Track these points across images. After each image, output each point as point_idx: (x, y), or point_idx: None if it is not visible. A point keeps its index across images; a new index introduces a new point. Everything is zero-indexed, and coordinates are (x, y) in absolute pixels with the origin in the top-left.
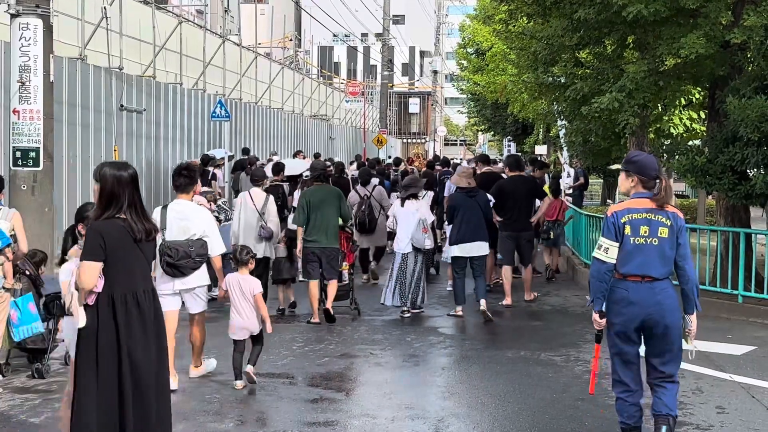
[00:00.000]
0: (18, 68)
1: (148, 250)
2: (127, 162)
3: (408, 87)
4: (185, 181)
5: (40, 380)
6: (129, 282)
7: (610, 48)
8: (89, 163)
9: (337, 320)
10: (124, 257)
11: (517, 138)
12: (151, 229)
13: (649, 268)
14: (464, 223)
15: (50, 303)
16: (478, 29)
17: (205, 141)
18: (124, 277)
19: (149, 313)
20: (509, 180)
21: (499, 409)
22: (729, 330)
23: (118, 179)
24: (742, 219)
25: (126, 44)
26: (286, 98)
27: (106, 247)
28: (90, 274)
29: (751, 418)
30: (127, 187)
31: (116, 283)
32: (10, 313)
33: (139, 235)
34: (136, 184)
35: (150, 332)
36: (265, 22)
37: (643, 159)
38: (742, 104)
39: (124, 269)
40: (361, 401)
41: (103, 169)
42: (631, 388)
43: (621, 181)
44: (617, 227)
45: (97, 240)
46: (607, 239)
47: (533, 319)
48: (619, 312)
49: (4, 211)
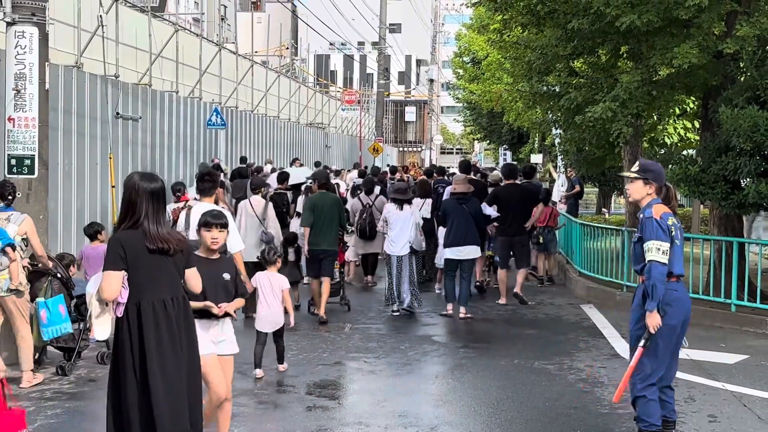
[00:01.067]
0: (13, 76)
1: (176, 257)
2: (155, 174)
3: (404, 95)
4: (208, 185)
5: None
6: (155, 290)
7: (604, 58)
8: (84, 171)
9: (331, 329)
10: (147, 265)
11: (513, 147)
12: (169, 248)
13: (682, 268)
14: (454, 227)
15: (81, 305)
16: (474, 38)
17: (200, 149)
18: (149, 285)
19: (179, 320)
20: (504, 187)
21: (493, 417)
22: (722, 339)
23: (137, 189)
24: (735, 228)
25: (122, 52)
26: (282, 106)
27: (127, 256)
28: (111, 283)
29: (743, 427)
30: (147, 198)
31: (142, 292)
32: (39, 313)
33: (152, 247)
34: (158, 196)
35: (180, 340)
36: (262, 31)
37: (658, 168)
38: (735, 114)
39: (149, 278)
40: (354, 409)
41: (129, 178)
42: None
43: (636, 189)
44: (668, 229)
45: (117, 249)
46: (665, 242)
47: (527, 327)
48: (677, 312)
49: (16, 215)
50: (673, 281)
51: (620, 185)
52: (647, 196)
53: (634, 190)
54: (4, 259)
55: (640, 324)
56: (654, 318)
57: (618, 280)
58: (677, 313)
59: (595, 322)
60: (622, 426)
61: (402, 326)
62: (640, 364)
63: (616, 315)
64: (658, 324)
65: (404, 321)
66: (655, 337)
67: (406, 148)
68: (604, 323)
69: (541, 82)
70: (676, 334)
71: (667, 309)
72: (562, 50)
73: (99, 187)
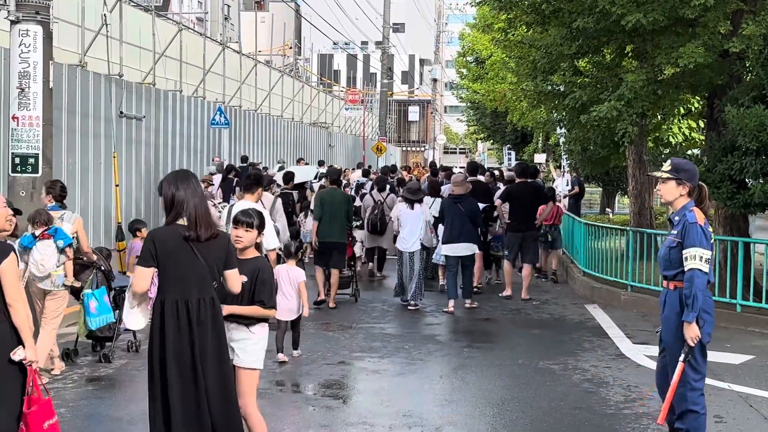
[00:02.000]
0: (17, 75)
1: (210, 255)
2: (187, 170)
3: (407, 95)
4: (251, 183)
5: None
6: (182, 289)
7: (609, 57)
8: (88, 170)
9: (335, 329)
10: (177, 263)
11: (517, 146)
12: (200, 236)
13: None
14: (450, 226)
15: (117, 296)
16: (478, 38)
17: (204, 148)
18: (175, 283)
19: (206, 321)
20: (517, 185)
21: (497, 417)
22: (727, 339)
23: (169, 182)
24: (740, 228)
25: (126, 51)
26: (285, 106)
27: (158, 253)
28: (140, 279)
29: (749, 428)
30: (187, 191)
31: (168, 290)
32: (89, 303)
33: (189, 234)
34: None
35: (205, 340)
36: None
37: (692, 167)
38: (741, 113)
39: (176, 277)
40: (358, 409)
41: (161, 182)
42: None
43: (668, 190)
44: (710, 237)
45: (149, 246)
46: (708, 250)
47: (531, 327)
48: (713, 320)
49: (68, 214)
50: (707, 288)
51: (624, 185)
52: (680, 197)
53: (666, 191)
54: (63, 257)
55: (679, 334)
56: (693, 330)
57: (623, 280)
58: (713, 322)
59: (599, 322)
60: (627, 426)
61: (406, 326)
62: (684, 376)
63: (621, 315)
64: (698, 336)
65: (408, 320)
66: (695, 348)
67: (410, 148)
68: (609, 323)
69: (545, 82)
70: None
71: (706, 317)
72: (567, 49)
73: (103, 185)
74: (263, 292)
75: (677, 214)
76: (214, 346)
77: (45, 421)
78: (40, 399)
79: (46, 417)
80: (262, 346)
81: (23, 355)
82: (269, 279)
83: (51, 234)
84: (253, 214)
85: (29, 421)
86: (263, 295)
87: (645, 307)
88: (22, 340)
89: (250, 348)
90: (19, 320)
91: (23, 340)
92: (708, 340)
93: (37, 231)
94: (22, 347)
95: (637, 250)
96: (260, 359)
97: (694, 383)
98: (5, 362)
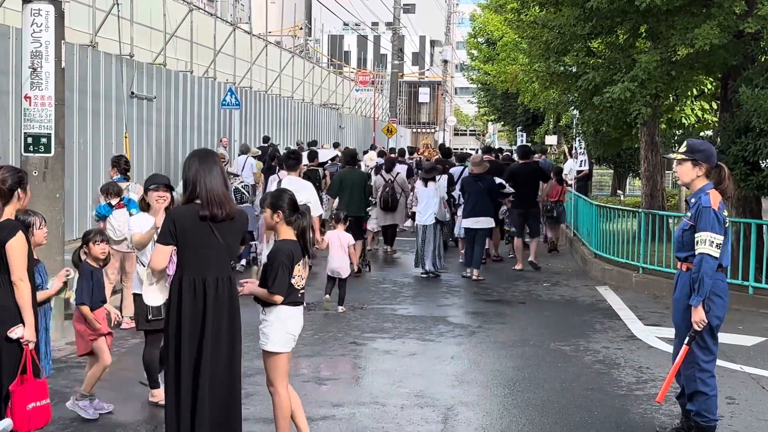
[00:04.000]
0: (30, 54)
1: (228, 234)
2: (210, 150)
3: (418, 76)
4: (293, 162)
5: None
6: (199, 268)
7: (623, 37)
8: (99, 150)
9: (347, 309)
10: (196, 243)
11: (528, 128)
12: (215, 215)
13: (729, 259)
14: (471, 202)
15: None
16: (490, 18)
17: (215, 129)
18: (193, 262)
19: (222, 300)
20: (519, 166)
21: (509, 398)
22: (740, 321)
23: (187, 165)
24: (753, 210)
25: (137, 32)
26: (296, 87)
27: (177, 231)
28: (159, 256)
29: (761, 409)
30: (200, 170)
31: (186, 268)
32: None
33: (205, 213)
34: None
35: (220, 319)
36: (276, 11)
37: (708, 147)
38: (755, 94)
39: (195, 255)
40: (370, 389)
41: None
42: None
43: (684, 171)
44: (723, 221)
45: (168, 225)
46: (719, 235)
47: (543, 308)
48: (725, 303)
49: (132, 185)
50: (720, 272)
51: (635, 167)
52: (697, 178)
53: (682, 172)
54: None
55: (687, 316)
56: (699, 313)
57: (634, 262)
58: (724, 305)
59: (611, 304)
60: (639, 407)
61: (417, 307)
62: (693, 357)
63: (632, 296)
64: (703, 320)
65: (419, 301)
66: (702, 331)
67: (420, 130)
68: (621, 305)
69: (558, 63)
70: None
71: (716, 300)
72: (580, 30)
73: None
74: (268, 277)
75: (693, 196)
76: (228, 327)
77: (30, 402)
78: (31, 379)
79: (33, 398)
80: (277, 329)
81: (20, 333)
82: (277, 264)
83: (125, 203)
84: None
85: (14, 399)
86: (268, 279)
87: (656, 289)
88: (23, 319)
89: (266, 330)
90: (22, 299)
91: (24, 319)
92: (717, 323)
93: (113, 201)
94: (23, 325)
95: (649, 232)
96: (275, 342)
97: (704, 365)
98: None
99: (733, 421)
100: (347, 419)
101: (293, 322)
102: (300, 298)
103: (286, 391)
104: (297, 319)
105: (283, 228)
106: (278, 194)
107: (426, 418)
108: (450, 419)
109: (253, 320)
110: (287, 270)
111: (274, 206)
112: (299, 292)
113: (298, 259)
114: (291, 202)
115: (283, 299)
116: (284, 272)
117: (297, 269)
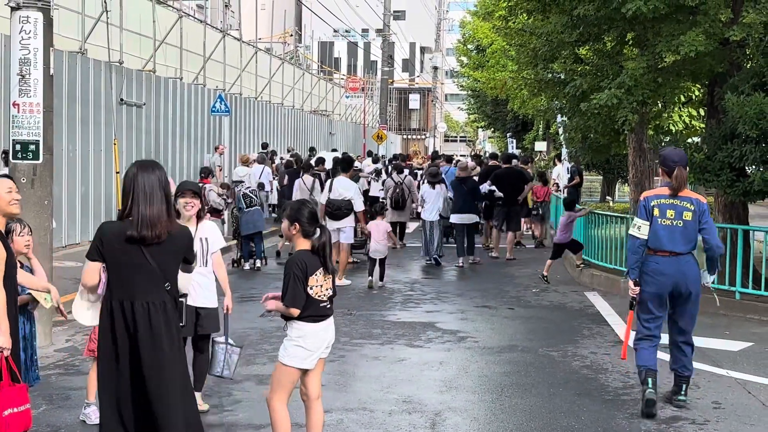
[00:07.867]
0: (18, 61)
1: (163, 256)
2: (155, 161)
3: (408, 83)
4: (345, 165)
5: None
6: (125, 291)
7: (610, 45)
8: (89, 157)
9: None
10: (120, 265)
11: (517, 134)
12: (151, 236)
13: (675, 245)
14: (456, 201)
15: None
16: (479, 26)
17: (204, 135)
18: (118, 284)
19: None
20: (503, 170)
21: (497, 404)
22: (726, 326)
23: (129, 176)
24: (740, 216)
25: (126, 38)
26: (286, 93)
27: (104, 249)
28: (88, 272)
29: (747, 413)
30: (139, 183)
31: (114, 290)
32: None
33: (133, 233)
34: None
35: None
36: (266, 17)
37: (667, 152)
38: (741, 101)
39: (119, 276)
40: (358, 394)
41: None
42: (656, 339)
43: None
44: (648, 209)
45: (95, 241)
46: (640, 219)
47: (531, 314)
48: (653, 281)
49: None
50: (658, 255)
51: (624, 173)
52: (662, 179)
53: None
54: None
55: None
56: (629, 284)
57: (622, 267)
58: (654, 282)
59: (599, 310)
60: (626, 412)
61: (406, 313)
62: (634, 323)
63: (621, 302)
64: (631, 288)
65: (408, 307)
66: (639, 301)
67: (410, 136)
68: (609, 310)
69: (546, 69)
70: (661, 301)
71: (645, 278)
72: (568, 37)
73: (103, 173)
74: (282, 290)
75: None
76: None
77: (7, 408)
78: (8, 385)
79: (11, 404)
80: (294, 344)
81: None
82: (288, 276)
83: None
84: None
85: None
86: (283, 292)
87: None
88: None
89: (286, 343)
90: None
91: None
92: (645, 297)
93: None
94: None
95: None
96: (289, 356)
97: (638, 329)
98: None
99: (719, 425)
100: (335, 425)
101: (313, 339)
102: (324, 311)
103: (280, 406)
104: (317, 337)
105: (300, 240)
106: (298, 207)
107: (414, 424)
108: (438, 425)
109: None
110: (300, 281)
111: (291, 218)
112: (320, 303)
113: (312, 270)
114: (310, 215)
115: (301, 312)
116: (296, 283)
117: (313, 280)
